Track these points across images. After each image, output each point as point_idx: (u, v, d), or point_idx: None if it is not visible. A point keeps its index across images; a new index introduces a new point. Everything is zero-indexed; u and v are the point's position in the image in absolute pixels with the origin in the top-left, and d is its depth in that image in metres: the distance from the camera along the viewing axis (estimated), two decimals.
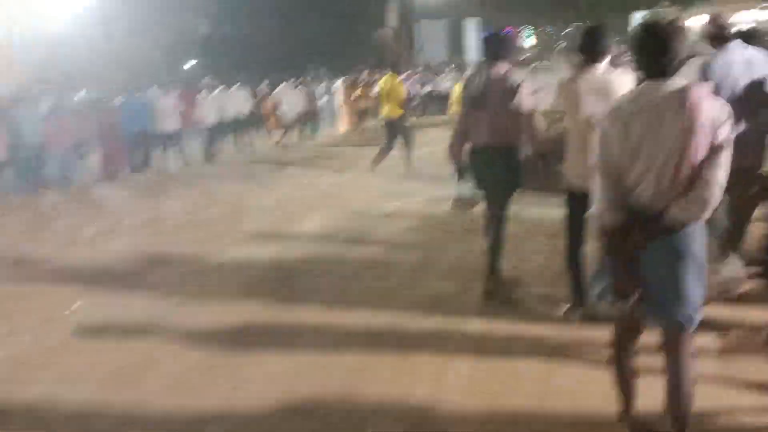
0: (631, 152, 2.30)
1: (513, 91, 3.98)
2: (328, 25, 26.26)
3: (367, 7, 28.92)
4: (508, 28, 39.01)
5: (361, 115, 17.32)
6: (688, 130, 2.19)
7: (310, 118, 15.99)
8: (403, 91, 9.86)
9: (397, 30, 33.69)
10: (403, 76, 18.92)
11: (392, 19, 33.55)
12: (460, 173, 4.51)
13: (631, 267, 2.35)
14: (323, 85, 17.97)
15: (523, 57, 30.64)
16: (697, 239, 2.34)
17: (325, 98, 17.35)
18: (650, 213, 2.30)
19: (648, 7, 38.34)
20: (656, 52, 2.27)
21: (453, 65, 23.41)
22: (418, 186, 8.64)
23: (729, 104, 2.32)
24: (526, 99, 4.01)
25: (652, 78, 2.31)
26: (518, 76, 4.15)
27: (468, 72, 8.97)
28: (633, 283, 2.35)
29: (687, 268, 2.31)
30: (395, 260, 5.67)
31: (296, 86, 15.83)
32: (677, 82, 2.27)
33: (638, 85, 2.42)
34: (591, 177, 2.49)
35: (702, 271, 2.36)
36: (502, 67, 4.08)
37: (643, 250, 2.33)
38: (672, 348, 2.41)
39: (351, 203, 8.11)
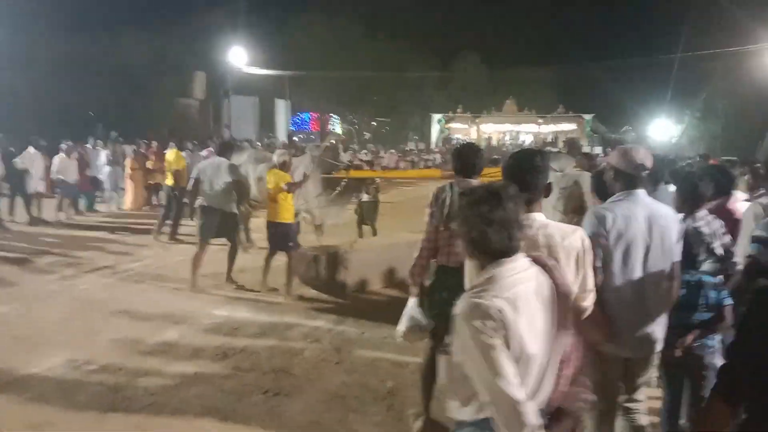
0: (532, 353, 1.83)
1: None
2: (120, 86, 23.38)
3: (168, 74, 26.67)
4: (314, 114, 39.65)
5: (151, 190, 14.98)
6: (567, 309, 1.94)
7: (85, 189, 13.34)
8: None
9: (203, 102, 31.90)
10: (204, 152, 17.22)
11: (198, 91, 31.73)
12: (422, 296, 3.71)
13: None
14: (107, 152, 15.36)
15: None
16: None
17: (107, 168, 14.71)
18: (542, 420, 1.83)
19: (443, 112, 41.80)
20: (515, 228, 1.89)
21: (260, 143, 22.02)
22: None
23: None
24: None
25: (507, 257, 1.89)
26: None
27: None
28: None
29: None
30: None
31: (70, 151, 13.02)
32: (525, 258, 1.95)
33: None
34: None
35: None
36: (473, 181, 3.63)
37: None
38: None
39: (119, 325, 5.93)
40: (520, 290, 1.84)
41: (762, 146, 24.62)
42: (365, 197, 10.07)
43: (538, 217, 2.35)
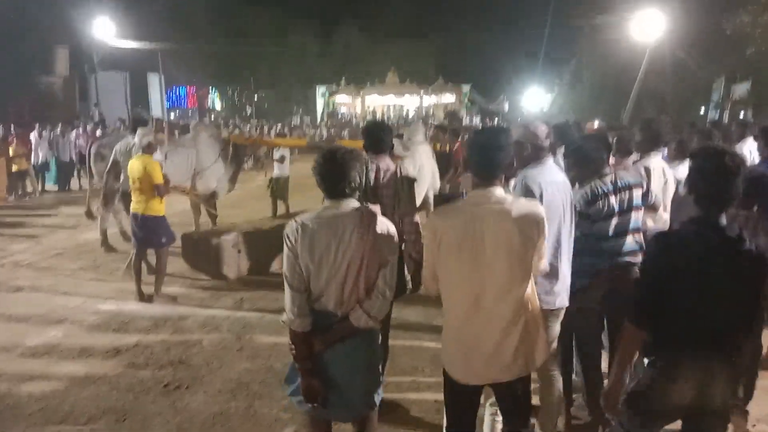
0: (317, 264, 2.45)
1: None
2: None
3: (27, 50, 24.31)
4: (191, 88, 37.81)
5: (14, 178, 13.73)
6: (366, 245, 2.43)
7: None
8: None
9: (67, 80, 29.45)
10: (73, 134, 16.02)
11: (61, 67, 29.22)
12: None
13: (318, 371, 2.50)
14: None
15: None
16: (374, 339, 2.62)
17: None
18: (333, 319, 2.50)
19: (327, 84, 41.43)
20: (335, 178, 2.47)
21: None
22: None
23: None
24: None
25: (332, 199, 2.51)
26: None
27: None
28: (319, 388, 2.48)
29: (366, 368, 2.57)
30: None
31: None
32: (353, 203, 2.51)
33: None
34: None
35: (377, 367, 2.67)
36: (384, 156, 3.82)
37: (326, 353, 2.50)
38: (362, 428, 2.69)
39: None
40: (320, 221, 2.45)
41: (626, 113, 26.63)
42: (276, 172, 9.86)
43: (497, 192, 2.45)
